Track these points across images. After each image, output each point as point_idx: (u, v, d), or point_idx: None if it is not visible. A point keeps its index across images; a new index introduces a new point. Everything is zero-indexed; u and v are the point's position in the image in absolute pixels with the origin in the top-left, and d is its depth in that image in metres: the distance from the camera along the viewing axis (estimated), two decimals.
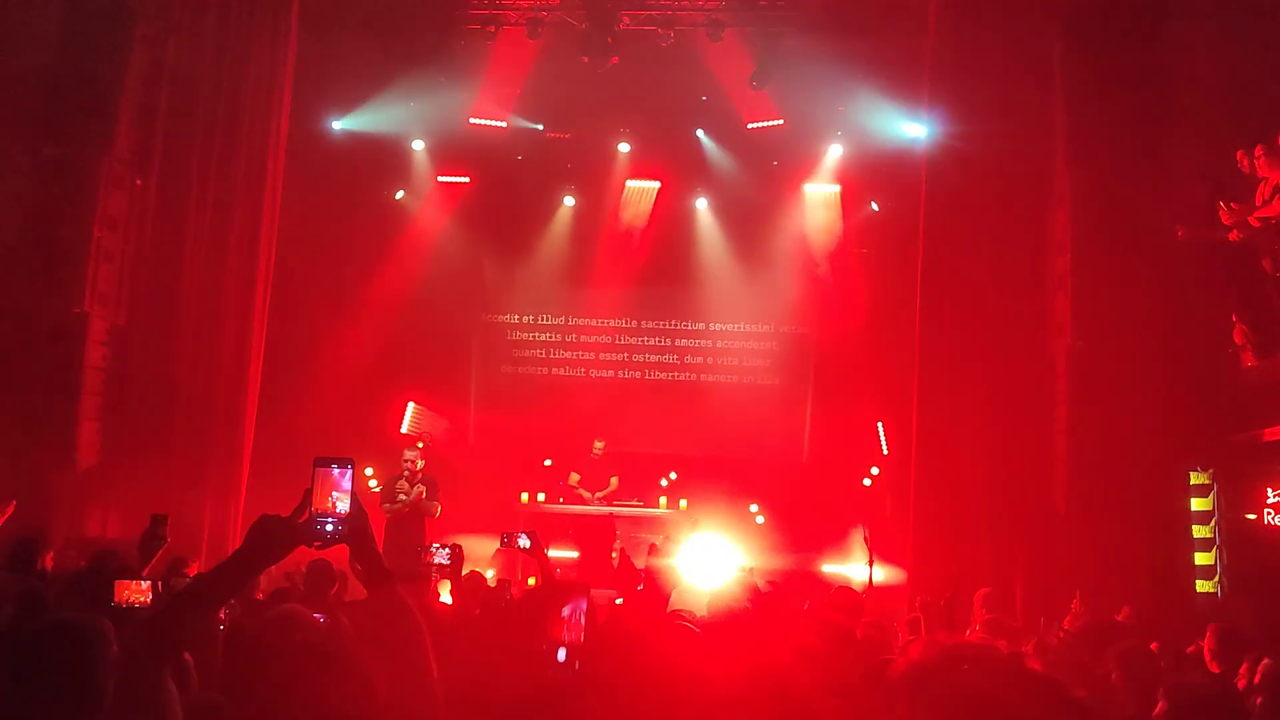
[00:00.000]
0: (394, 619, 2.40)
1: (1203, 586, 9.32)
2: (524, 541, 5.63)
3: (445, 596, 9.17)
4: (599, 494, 12.67)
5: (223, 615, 4.69)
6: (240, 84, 10.91)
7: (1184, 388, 9.10)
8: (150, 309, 10.79)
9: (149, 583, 4.62)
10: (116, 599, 4.45)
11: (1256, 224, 8.43)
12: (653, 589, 5.13)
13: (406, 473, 10.85)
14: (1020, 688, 1.43)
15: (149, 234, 10.87)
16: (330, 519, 2.30)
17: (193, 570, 5.90)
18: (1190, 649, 5.72)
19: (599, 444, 12.91)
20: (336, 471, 2.33)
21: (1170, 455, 9.18)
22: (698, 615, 4.88)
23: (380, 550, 2.41)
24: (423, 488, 10.78)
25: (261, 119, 10.98)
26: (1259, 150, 8.38)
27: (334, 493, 2.31)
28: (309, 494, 2.31)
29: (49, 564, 6.10)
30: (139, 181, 10.87)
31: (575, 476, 12.91)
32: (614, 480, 12.83)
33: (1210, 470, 9.39)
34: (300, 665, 2.11)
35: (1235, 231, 8.64)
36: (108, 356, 10.56)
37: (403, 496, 10.72)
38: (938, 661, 1.59)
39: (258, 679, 2.18)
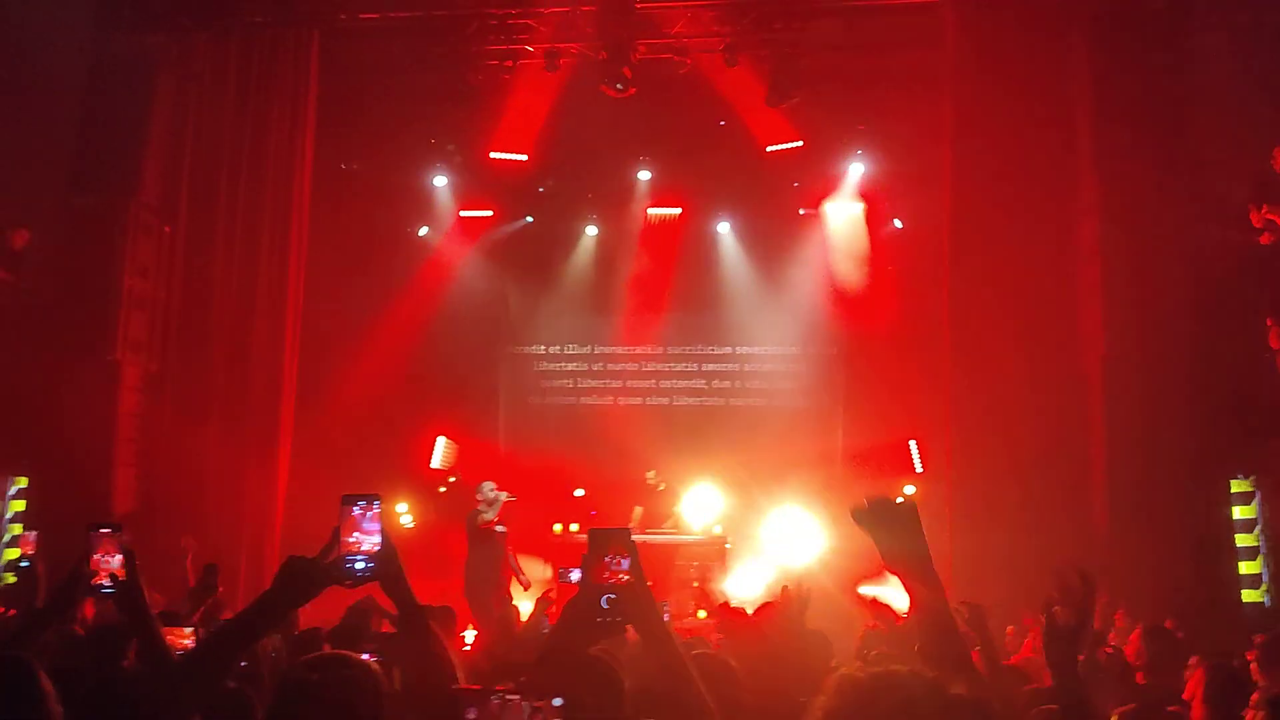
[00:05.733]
0: (422, 655, 2.37)
1: (1250, 596, 9.15)
2: (578, 575, 5.55)
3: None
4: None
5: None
6: (263, 128, 11.02)
7: (1221, 394, 8.97)
8: (182, 353, 10.87)
9: (192, 629, 4.61)
10: None
11: None
12: None
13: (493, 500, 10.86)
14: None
15: (179, 279, 10.97)
16: (360, 557, 2.26)
17: (227, 615, 5.88)
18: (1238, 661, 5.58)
19: (651, 474, 12.73)
20: (364, 508, 2.28)
21: (1210, 464, 9.04)
22: None
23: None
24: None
25: (285, 161, 11.07)
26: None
27: (362, 530, 2.27)
28: (337, 532, 2.27)
29: (88, 613, 6.09)
30: (167, 229, 10.97)
31: (639, 511, 12.75)
32: (638, 510, 12.70)
33: (1252, 477, 9.23)
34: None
35: (1266, 234, 8.52)
36: (142, 402, 10.63)
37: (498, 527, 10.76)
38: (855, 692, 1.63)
39: None
